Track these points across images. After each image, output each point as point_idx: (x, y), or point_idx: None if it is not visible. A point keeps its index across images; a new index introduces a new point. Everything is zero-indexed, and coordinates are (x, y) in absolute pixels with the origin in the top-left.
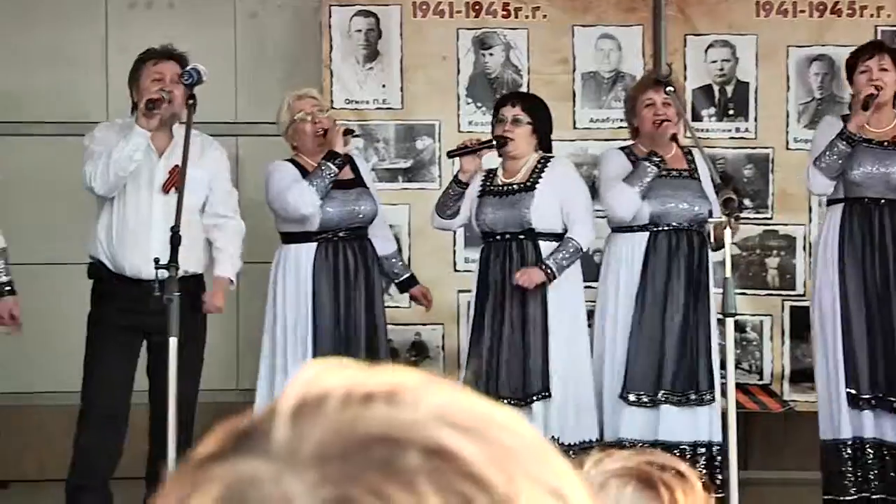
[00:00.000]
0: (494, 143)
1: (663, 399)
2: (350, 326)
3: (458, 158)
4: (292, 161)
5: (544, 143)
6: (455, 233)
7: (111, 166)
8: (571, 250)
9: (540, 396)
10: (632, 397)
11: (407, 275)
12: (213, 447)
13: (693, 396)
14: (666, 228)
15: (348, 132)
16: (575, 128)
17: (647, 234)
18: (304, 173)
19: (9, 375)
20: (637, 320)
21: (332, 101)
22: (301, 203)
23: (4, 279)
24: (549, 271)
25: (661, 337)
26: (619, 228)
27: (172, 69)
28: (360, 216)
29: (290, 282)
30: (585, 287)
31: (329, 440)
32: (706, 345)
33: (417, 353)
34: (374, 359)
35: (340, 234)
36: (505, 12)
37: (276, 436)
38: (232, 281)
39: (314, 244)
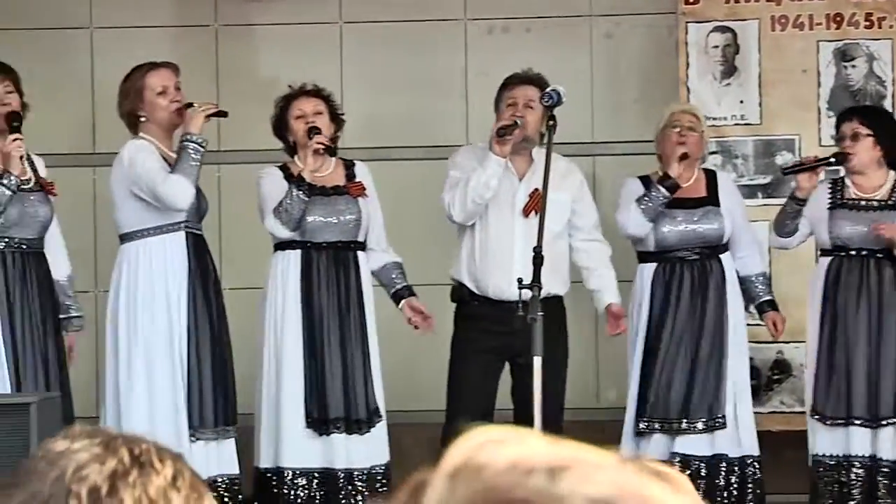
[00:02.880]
0: (833, 159)
1: None
2: (691, 346)
3: (794, 175)
4: (645, 178)
5: (891, 155)
6: (818, 249)
7: (468, 194)
8: None
9: None
10: None
11: (762, 299)
12: (400, 494)
13: None
14: None
15: (685, 157)
16: None
17: None
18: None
19: None
20: None
21: None
22: (627, 223)
23: (402, 285)
24: None
25: None
26: None
27: (526, 94)
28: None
29: (635, 300)
30: None
31: (475, 501)
32: None
33: (780, 372)
34: (714, 383)
35: (679, 255)
36: (868, 23)
37: (431, 491)
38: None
39: (654, 265)
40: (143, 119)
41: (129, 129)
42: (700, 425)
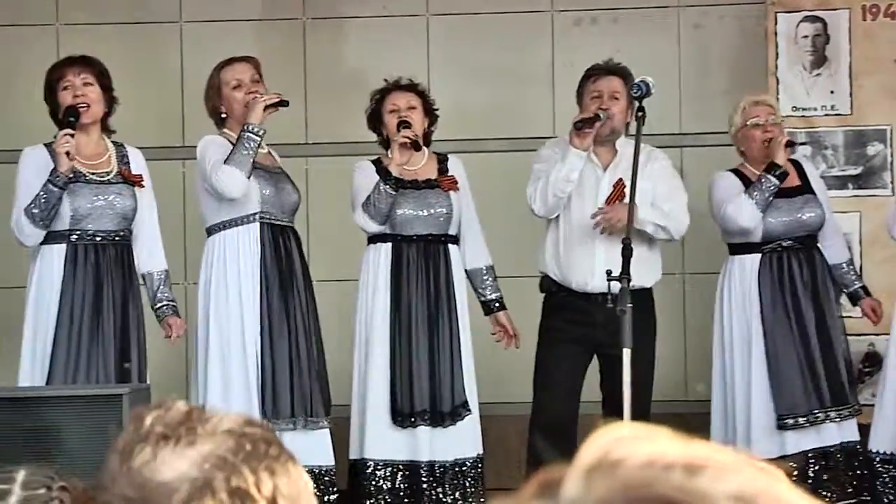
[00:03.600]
0: None
1: None
2: (800, 336)
3: None
4: (736, 171)
5: None
6: None
7: (549, 188)
8: None
9: None
10: None
11: (856, 286)
12: (528, 490)
13: None
14: None
15: (791, 144)
16: None
17: None
18: (747, 184)
19: None
20: None
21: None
22: (740, 216)
23: (492, 296)
24: None
25: None
26: None
27: (611, 85)
28: (807, 224)
29: (735, 292)
30: None
31: (613, 497)
32: None
33: (871, 365)
34: (833, 370)
35: (784, 244)
36: None
37: (567, 487)
38: None
39: (758, 255)
40: (223, 115)
41: (216, 125)
42: (844, 412)
